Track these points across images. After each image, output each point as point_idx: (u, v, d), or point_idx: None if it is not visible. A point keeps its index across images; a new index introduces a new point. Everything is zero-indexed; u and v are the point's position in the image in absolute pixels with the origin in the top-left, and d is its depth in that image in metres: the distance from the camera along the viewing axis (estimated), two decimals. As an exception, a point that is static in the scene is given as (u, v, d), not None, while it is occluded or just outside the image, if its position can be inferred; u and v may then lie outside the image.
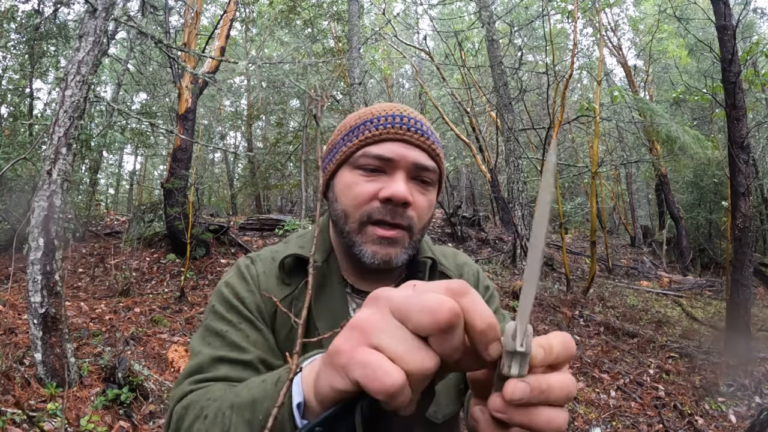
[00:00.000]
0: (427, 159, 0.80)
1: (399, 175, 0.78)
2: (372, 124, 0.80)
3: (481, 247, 9.63)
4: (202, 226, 7.08)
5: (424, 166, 0.79)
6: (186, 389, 0.71)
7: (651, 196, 17.77)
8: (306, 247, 0.87)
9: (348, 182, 0.80)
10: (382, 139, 0.78)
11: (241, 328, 0.79)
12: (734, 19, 5.01)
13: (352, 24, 6.82)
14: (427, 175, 0.81)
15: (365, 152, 0.79)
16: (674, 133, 7.07)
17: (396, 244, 0.78)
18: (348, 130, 0.83)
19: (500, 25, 11.74)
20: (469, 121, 11.70)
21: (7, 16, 6.80)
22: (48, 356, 3.04)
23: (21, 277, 5.20)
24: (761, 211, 11.68)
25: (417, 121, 0.81)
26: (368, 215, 0.78)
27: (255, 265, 0.87)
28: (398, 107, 0.83)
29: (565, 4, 8.55)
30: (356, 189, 0.79)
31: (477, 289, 0.95)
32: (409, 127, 0.79)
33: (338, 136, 0.85)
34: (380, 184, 0.78)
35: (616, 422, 3.65)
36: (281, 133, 12.74)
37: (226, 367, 0.74)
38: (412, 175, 0.79)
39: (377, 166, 0.78)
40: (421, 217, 0.81)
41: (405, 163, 0.78)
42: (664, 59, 13.61)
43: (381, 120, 0.80)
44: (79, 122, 3.27)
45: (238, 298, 0.82)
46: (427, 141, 0.80)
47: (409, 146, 0.79)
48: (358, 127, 0.81)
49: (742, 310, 4.73)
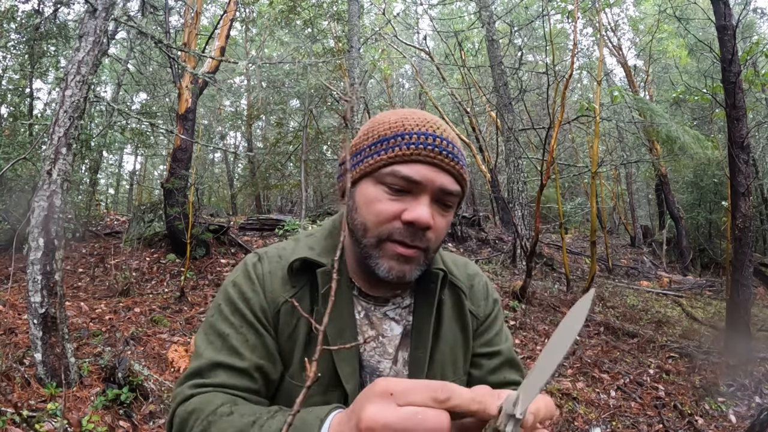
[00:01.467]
0: (453, 184, 0.79)
1: (424, 199, 0.76)
2: (403, 140, 0.77)
3: (481, 247, 9.63)
4: (202, 226, 7.08)
5: (450, 191, 0.78)
6: (187, 393, 0.74)
7: (651, 196, 17.77)
8: (316, 248, 0.87)
9: (371, 197, 0.78)
10: (412, 160, 0.76)
11: (242, 332, 0.80)
12: (734, 19, 5.01)
13: (352, 24, 6.82)
14: (450, 200, 0.80)
15: (393, 171, 0.76)
16: (674, 133, 7.07)
17: (412, 262, 0.78)
18: (377, 139, 0.80)
19: (500, 25, 11.74)
20: (469, 121, 11.70)
21: (7, 16, 6.80)
22: (48, 356, 3.04)
23: (21, 277, 5.20)
24: (761, 211, 11.67)
25: (449, 143, 0.79)
26: (388, 234, 0.77)
27: (262, 263, 0.87)
28: (431, 122, 0.80)
29: (565, 4, 8.55)
30: (379, 206, 0.77)
31: (486, 302, 0.97)
32: (441, 149, 0.77)
33: (365, 141, 0.82)
34: (404, 205, 0.76)
35: (616, 422, 3.65)
36: (281, 133, 12.74)
37: (224, 374, 0.77)
38: (436, 198, 0.78)
39: (403, 187, 0.77)
40: (438, 238, 0.81)
41: (432, 188, 0.77)
42: (664, 59, 13.62)
43: (413, 138, 0.77)
44: (79, 122, 3.27)
45: (243, 299, 0.82)
46: (456, 166, 0.79)
47: (439, 171, 0.77)
48: (388, 140, 0.78)
49: (742, 310, 4.73)
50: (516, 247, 8.38)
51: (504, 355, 0.94)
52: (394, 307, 0.89)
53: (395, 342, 0.88)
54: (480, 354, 0.93)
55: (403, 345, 0.88)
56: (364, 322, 0.87)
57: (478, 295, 0.97)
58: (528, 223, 8.99)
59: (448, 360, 0.89)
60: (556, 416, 0.52)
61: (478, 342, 0.94)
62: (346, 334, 0.82)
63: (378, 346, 0.87)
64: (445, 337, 0.89)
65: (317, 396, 0.80)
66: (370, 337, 0.86)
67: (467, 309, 0.93)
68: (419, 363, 0.85)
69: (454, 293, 0.93)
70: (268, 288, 0.83)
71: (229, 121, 15.52)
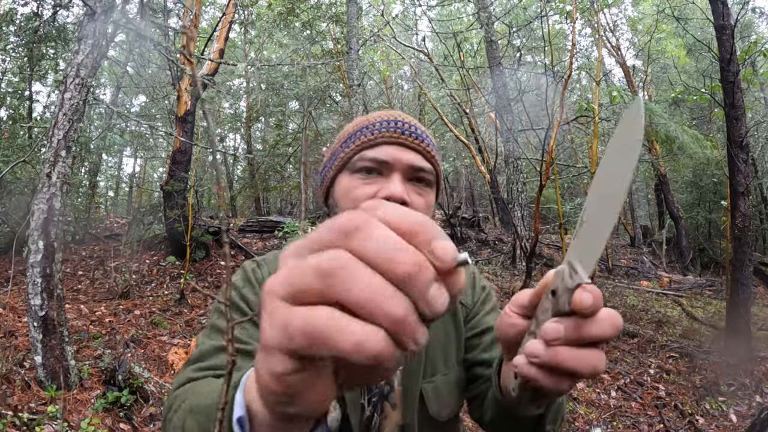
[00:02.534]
0: (422, 160, 0.82)
1: (395, 176, 0.80)
2: (368, 129, 0.82)
3: (481, 247, 9.63)
4: (202, 229, 7.07)
5: (420, 167, 0.81)
6: (187, 375, 0.73)
7: (650, 196, 17.78)
8: None
9: (347, 186, 0.82)
10: (377, 143, 0.81)
11: (245, 326, 0.81)
12: (732, 18, 5.01)
13: (350, 26, 6.83)
14: (423, 176, 0.82)
15: (361, 156, 0.81)
16: (673, 133, 7.07)
17: None
18: (346, 137, 0.86)
19: (499, 26, 11.76)
20: (468, 122, 11.70)
21: (6, 19, 6.80)
22: (48, 359, 3.04)
23: (21, 280, 5.20)
24: (761, 210, 11.68)
25: (411, 125, 0.83)
26: None
27: (261, 269, 0.89)
28: (393, 113, 0.85)
29: (564, 5, 8.56)
30: (355, 192, 0.80)
31: (474, 290, 0.98)
32: (403, 131, 0.82)
33: (337, 144, 0.88)
34: (377, 186, 0.80)
35: (616, 422, 3.65)
36: (280, 134, 12.74)
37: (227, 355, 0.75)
38: (409, 176, 0.81)
39: (373, 168, 0.80)
40: None
41: (401, 165, 0.80)
42: (662, 59, 13.62)
43: (377, 125, 0.82)
44: (79, 125, 3.27)
45: (243, 299, 0.84)
46: (421, 144, 0.83)
47: (404, 149, 0.81)
48: (355, 134, 0.84)
49: (742, 310, 4.73)
50: (516, 248, 8.37)
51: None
52: None
53: None
54: (472, 336, 0.93)
55: None
56: None
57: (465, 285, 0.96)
58: (527, 224, 8.99)
59: (438, 351, 0.89)
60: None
61: (469, 326, 0.94)
62: None
63: None
64: (435, 328, 0.89)
65: None
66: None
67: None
68: (414, 357, 0.85)
69: None
70: None
71: (228, 123, 15.53)
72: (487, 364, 0.88)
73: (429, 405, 0.85)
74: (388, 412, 0.85)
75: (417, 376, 0.85)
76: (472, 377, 0.91)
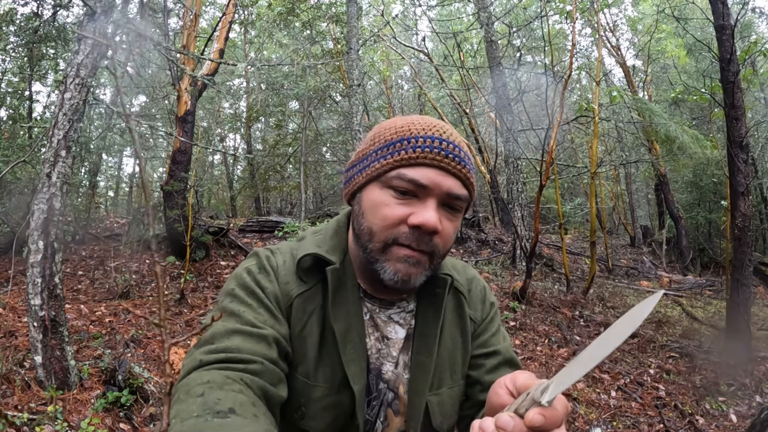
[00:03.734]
0: (460, 188, 0.79)
1: (431, 202, 0.76)
2: (409, 144, 0.77)
3: (481, 248, 9.62)
4: (202, 229, 7.07)
5: (457, 195, 0.78)
6: (198, 358, 0.70)
7: (650, 196, 17.76)
8: (323, 246, 0.86)
9: (378, 201, 0.78)
10: (418, 163, 0.76)
11: (260, 312, 0.78)
12: (732, 18, 5.01)
13: (350, 26, 6.82)
14: (457, 204, 0.79)
15: (399, 174, 0.76)
16: (673, 133, 7.07)
17: (418, 266, 0.77)
18: (382, 144, 0.80)
19: (499, 26, 11.75)
20: (468, 122, 11.70)
21: (6, 19, 6.80)
22: (48, 359, 3.04)
23: (21, 280, 5.20)
24: (761, 210, 11.67)
25: (456, 146, 0.78)
26: (395, 238, 0.77)
27: (275, 256, 0.87)
28: (437, 126, 0.79)
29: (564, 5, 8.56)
30: (386, 210, 0.77)
31: (484, 306, 0.98)
32: (447, 153, 0.77)
33: (370, 147, 0.82)
34: (411, 209, 0.76)
35: (616, 422, 3.65)
36: (280, 134, 12.74)
37: (240, 338, 0.73)
38: (443, 202, 0.78)
39: (410, 190, 0.76)
40: (446, 244, 0.80)
41: (438, 191, 0.76)
42: (662, 59, 13.61)
43: (419, 141, 0.77)
44: (79, 125, 3.27)
45: (259, 285, 0.81)
46: (463, 169, 0.78)
47: (445, 174, 0.77)
48: (394, 144, 0.78)
49: (742, 310, 4.73)
50: (516, 248, 8.37)
51: (502, 354, 0.94)
52: (399, 310, 0.89)
53: (398, 345, 0.88)
54: (478, 355, 0.93)
55: (405, 349, 0.88)
56: (369, 324, 0.86)
57: (475, 299, 0.97)
58: (528, 224, 8.98)
59: (446, 365, 0.89)
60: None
61: (476, 344, 0.94)
62: (352, 334, 0.82)
63: (383, 348, 0.87)
64: (444, 342, 0.89)
65: (330, 396, 0.80)
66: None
67: (467, 314, 0.93)
68: (424, 367, 0.85)
69: (456, 297, 0.93)
70: (282, 280, 0.83)
71: (228, 123, 15.52)
72: (485, 387, 0.87)
73: (433, 417, 0.86)
74: (391, 418, 0.86)
75: (424, 388, 0.84)
76: (468, 395, 0.92)
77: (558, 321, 5.61)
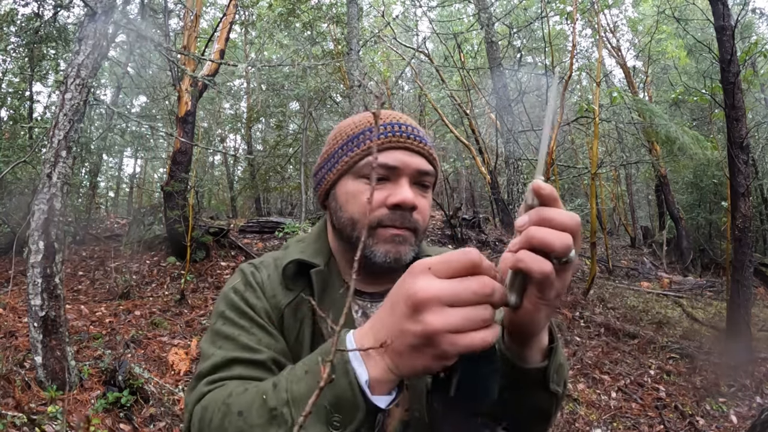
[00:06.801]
0: (427, 164, 0.84)
1: (404, 181, 0.81)
2: (372, 133, 0.82)
3: (482, 248, 9.62)
4: (202, 229, 7.07)
5: (426, 171, 0.83)
6: (203, 390, 0.72)
7: (651, 197, 17.76)
8: (306, 251, 0.88)
9: (353, 191, 0.82)
10: (385, 148, 0.81)
11: (253, 332, 0.80)
12: (733, 19, 5.01)
13: (351, 26, 6.83)
14: (427, 180, 0.84)
15: (370, 161, 0.80)
16: (674, 134, 7.06)
17: (405, 243, 0.81)
18: (346, 139, 0.85)
19: (499, 27, 11.75)
20: (468, 123, 11.70)
21: (6, 19, 6.81)
22: (48, 359, 3.04)
23: (21, 280, 5.20)
24: (761, 211, 11.67)
25: (414, 128, 0.85)
26: (378, 221, 0.80)
27: (259, 271, 0.88)
28: (393, 114, 0.85)
29: (564, 6, 8.56)
30: (363, 197, 0.80)
31: None
32: (409, 135, 0.82)
33: (335, 145, 0.87)
34: (386, 192, 0.80)
35: (617, 423, 3.65)
36: (281, 135, 12.75)
37: (240, 367, 0.75)
38: (414, 180, 0.82)
39: (382, 175, 0.80)
40: (425, 219, 0.85)
41: (409, 171, 0.81)
42: (663, 60, 13.61)
43: (382, 129, 0.82)
44: (79, 125, 3.27)
45: (248, 304, 0.82)
46: (425, 147, 0.84)
47: (412, 153, 0.82)
48: (358, 137, 0.84)
49: (743, 311, 4.73)
50: (516, 249, 8.34)
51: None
52: None
53: None
54: None
55: None
56: (361, 321, 0.87)
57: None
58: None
59: None
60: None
61: None
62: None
63: None
64: None
65: None
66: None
67: None
68: None
69: None
70: (269, 293, 0.84)
71: (228, 123, 15.53)
72: None
73: None
74: (392, 409, 0.86)
75: None
76: None
77: (558, 322, 5.61)
